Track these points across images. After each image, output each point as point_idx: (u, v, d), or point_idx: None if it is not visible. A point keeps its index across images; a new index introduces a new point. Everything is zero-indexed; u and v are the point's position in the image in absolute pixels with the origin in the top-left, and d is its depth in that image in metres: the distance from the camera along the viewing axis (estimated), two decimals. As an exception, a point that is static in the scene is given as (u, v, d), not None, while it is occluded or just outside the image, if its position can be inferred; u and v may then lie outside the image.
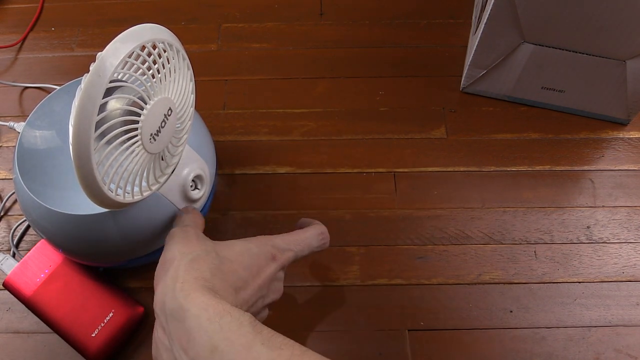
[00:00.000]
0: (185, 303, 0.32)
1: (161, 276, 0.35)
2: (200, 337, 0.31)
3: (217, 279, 0.35)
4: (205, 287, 0.33)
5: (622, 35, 0.47)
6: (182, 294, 0.33)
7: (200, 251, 0.36)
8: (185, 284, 0.33)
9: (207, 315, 0.31)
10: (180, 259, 0.35)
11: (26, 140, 0.44)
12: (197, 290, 0.33)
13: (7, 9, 0.65)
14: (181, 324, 0.32)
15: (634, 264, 0.48)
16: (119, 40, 0.31)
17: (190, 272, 0.34)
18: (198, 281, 0.34)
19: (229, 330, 0.31)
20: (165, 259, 0.36)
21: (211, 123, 0.51)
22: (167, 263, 0.36)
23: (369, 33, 0.62)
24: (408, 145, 0.55)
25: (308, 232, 0.41)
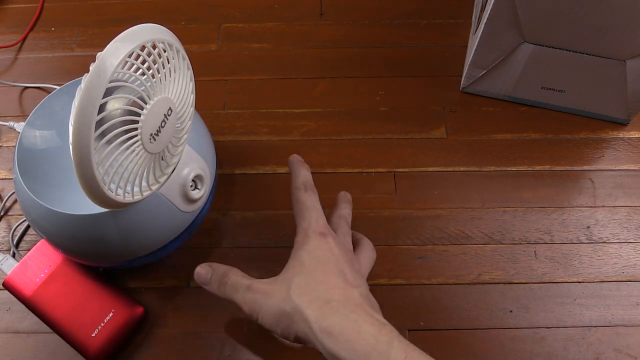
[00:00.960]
0: (332, 347, 0.33)
1: (286, 324, 0.36)
2: None
3: (328, 289, 0.35)
4: (335, 311, 0.34)
5: (622, 35, 0.47)
6: (323, 336, 0.33)
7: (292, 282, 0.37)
8: (319, 321, 0.34)
9: (357, 356, 0.32)
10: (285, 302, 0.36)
11: (26, 140, 0.44)
12: (333, 324, 0.33)
13: (7, 9, 0.65)
14: None
15: (634, 264, 0.48)
16: (119, 40, 0.31)
17: (310, 307, 0.35)
18: (323, 308, 0.34)
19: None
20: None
21: (211, 123, 0.51)
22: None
23: (369, 33, 0.62)
24: (408, 145, 0.55)
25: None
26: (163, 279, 0.48)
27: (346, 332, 0.33)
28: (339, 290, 0.35)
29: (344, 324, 0.33)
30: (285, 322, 0.36)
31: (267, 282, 0.38)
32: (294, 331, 0.35)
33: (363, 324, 0.33)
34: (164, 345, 0.45)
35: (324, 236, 0.39)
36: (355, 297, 0.35)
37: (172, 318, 0.46)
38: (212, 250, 0.49)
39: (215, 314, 0.46)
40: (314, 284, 0.36)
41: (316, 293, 0.35)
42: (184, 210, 0.42)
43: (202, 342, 0.45)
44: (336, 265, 0.37)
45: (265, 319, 0.37)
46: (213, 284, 0.40)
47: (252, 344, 0.45)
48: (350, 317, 0.34)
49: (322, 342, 0.33)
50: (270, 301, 0.36)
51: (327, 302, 0.35)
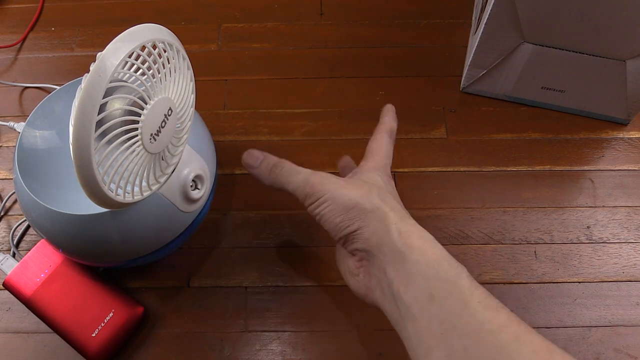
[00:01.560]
0: (404, 248, 0.33)
1: (353, 215, 0.35)
2: (419, 283, 0.32)
3: (405, 209, 0.36)
4: (414, 224, 0.34)
5: (622, 35, 0.47)
6: (398, 238, 0.33)
7: (373, 187, 0.36)
8: (399, 224, 0.34)
9: (427, 260, 0.32)
10: (364, 198, 0.35)
11: (26, 140, 0.44)
12: (412, 230, 0.34)
13: (7, 9, 0.65)
14: (401, 268, 0.33)
15: (634, 264, 0.48)
16: (119, 40, 0.31)
17: (393, 210, 0.35)
18: (404, 218, 0.35)
19: (445, 280, 0.31)
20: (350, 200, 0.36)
21: (211, 123, 0.51)
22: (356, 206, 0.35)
23: (369, 33, 0.62)
24: (408, 145, 0.55)
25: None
26: (163, 279, 0.48)
27: (424, 241, 0.33)
28: (410, 219, 0.36)
29: (422, 234, 0.34)
30: (354, 214, 0.35)
31: (338, 177, 0.38)
32: (358, 225, 0.35)
33: (439, 246, 0.34)
34: (164, 345, 0.45)
35: (390, 179, 0.40)
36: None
37: (172, 318, 0.46)
38: (212, 250, 0.49)
39: (215, 314, 0.46)
40: (395, 201, 0.36)
41: (397, 207, 0.36)
42: (184, 210, 0.42)
43: (202, 342, 0.45)
44: (401, 206, 0.38)
45: (331, 206, 0.36)
46: (263, 168, 0.40)
47: (252, 344, 0.45)
48: (429, 236, 0.34)
49: (394, 241, 0.33)
50: (344, 191, 0.36)
51: (408, 216, 0.35)
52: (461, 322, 0.30)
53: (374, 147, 0.41)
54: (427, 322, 0.31)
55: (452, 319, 0.30)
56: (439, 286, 0.31)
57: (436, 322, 0.30)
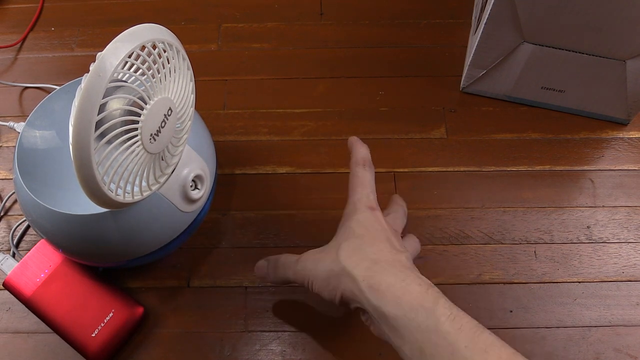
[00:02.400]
0: (379, 303, 0.33)
1: (333, 285, 0.36)
2: (407, 337, 0.32)
3: (376, 251, 0.36)
4: (383, 269, 0.34)
5: (622, 35, 0.47)
6: (370, 293, 0.34)
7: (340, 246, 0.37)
8: (367, 279, 0.34)
9: (403, 311, 0.32)
10: (334, 264, 0.36)
11: (26, 140, 0.44)
12: (380, 281, 0.34)
13: (7, 9, 0.65)
14: (387, 323, 0.33)
15: (634, 264, 0.48)
16: (119, 40, 0.31)
17: (358, 267, 0.35)
18: (372, 267, 0.35)
19: (427, 330, 0.31)
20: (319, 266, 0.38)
21: (211, 123, 0.51)
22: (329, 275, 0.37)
23: (369, 33, 0.62)
24: (408, 145, 0.55)
25: None
26: (163, 279, 0.48)
27: (393, 289, 0.33)
28: (388, 254, 0.36)
29: (391, 281, 0.34)
30: (333, 283, 0.36)
31: (316, 251, 0.39)
32: (341, 291, 0.36)
33: (411, 283, 0.34)
34: (164, 345, 0.45)
35: (373, 210, 0.40)
36: (403, 260, 0.36)
37: (172, 318, 0.46)
38: (212, 250, 0.49)
39: (215, 314, 0.46)
40: (362, 247, 0.36)
41: (364, 255, 0.36)
42: (184, 210, 0.42)
43: (202, 342, 0.45)
44: (384, 233, 0.38)
45: (316, 284, 0.37)
46: (270, 273, 0.42)
47: (252, 344, 0.45)
48: (399, 276, 0.34)
49: (368, 299, 0.34)
50: (320, 265, 0.37)
51: (375, 262, 0.35)
52: None
53: (350, 185, 0.41)
54: None
55: None
56: (425, 339, 0.31)
57: None
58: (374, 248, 0.36)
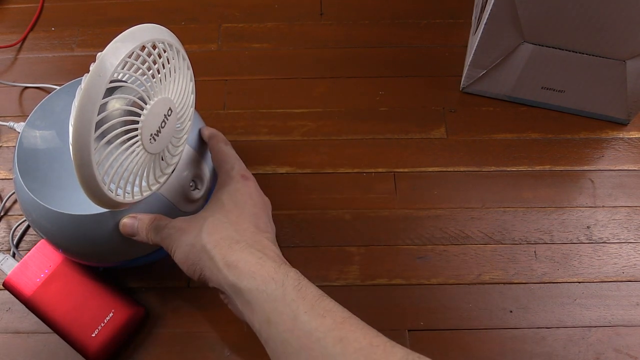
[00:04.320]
0: (235, 279, 0.34)
1: (192, 260, 0.36)
2: (257, 309, 0.33)
3: (239, 230, 0.36)
4: (242, 249, 0.35)
5: (622, 35, 0.47)
6: (227, 271, 0.34)
7: (206, 221, 0.37)
8: (225, 257, 0.34)
9: (256, 284, 0.33)
10: (196, 239, 0.36)
11: (26, 140, 0.44)
12: (238, 258, 0.34)
13: (7, 9, 0.65)
14: (242, 298, 0.34)
15: (634, 264, 0.48)
16: (119, 40, 0.31)
17: (218, 245, 0.35)
18: (232, 246, 0.35)
19: (275, 300, 0.32)
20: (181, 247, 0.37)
21: (211, 123, 0.51)
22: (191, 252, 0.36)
23: (369, 33, 0.62)
24: (408, 145, 0.55)
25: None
26: (163, 279, 0.48)
27: (250, 265, 0.34)
28: (250, 234, 0.37)
29: (248, 258, 0.34)
30: (193, 258, 0.36)
31: (184, 220, 0.39)
32: (200, 268, 0.36)
33: (267, 260, 0.34)
34: (164, 345, 0.45)
35: (246, 179, 0.40)
36: (264, 241, 0.36)
37: (172, 318, 0.46)
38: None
39: (215, 314, 0.46)
40: (226, 224, 0.37)
41: (227, 232, 0.36)
42: (184, 210, 0.42)
43: (202, 342, 0.45)
44: (252, 209, 0.38)
45: (177, 255, 0.37)
46: (141, 232, 0.40)
47: (252, 344, 0.45)
48: (256, 254, 0.35)
49: (225, 276, 0.34)
50: (183, 237, 0.37)
51: (237, 242, 0.36)
52: (294, 338, 0.31)
53: (217, 159, 0.42)
54: (273, 345, 0.32)
55: (287, 338, 0.31)
56: (272, 308, 0.32)
57: (279, 343, 0.32)
58: (237, 226, 0.37)
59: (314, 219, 0.51)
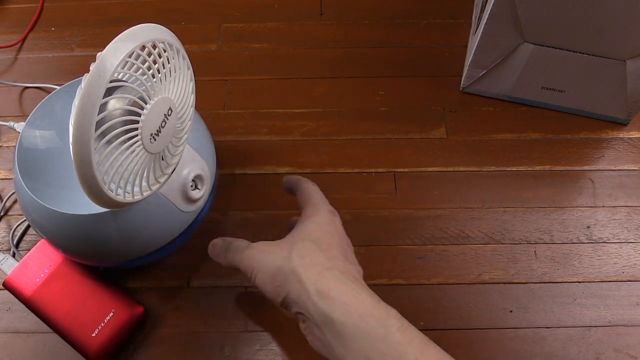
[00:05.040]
0: (326, 308, 0.32)
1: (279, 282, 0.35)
2: (352, 345, 0.31)
3: (330, 258, 0.35)
4: (335, 277, 0.33)
5: (622, 35, 0.47)
6: (318, 299, 0.33)
7: (295, 245, 0.36)
8: (317, 283, 0.33)
9: (352, 318, 0.31)
10: (284, 261, 0.35)
11: (26, 140, 0.44)
12: (331, 287, 0.33)
13: (7, 9, 0.65)
14: (333, 330, 0.32)
15: (634, 264, 0.48)
16: (119, 40, 0.31)
17: (309, 270, 0.34)
18: (323, 272, 0.34)
19: (376, 339, 0.31)
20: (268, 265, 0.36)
21: (211, 123, 0.51)
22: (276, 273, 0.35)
23: (369, 33, 0.62)
24: (408, 145, 0.55)
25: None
26: (163, 279, 0.48)
27: (344, 296, 0.33)
28: (340, 263, 0.35)
29: (342, 288, 0.33)
30: (280, 280, 0.35)
31: (268, 243, 0.38)
32: (286, 291, 0.35)
33: (362, 292, 0.33)
34: (164, 345, 0.45)
35: (334, 214, 0.39)
36: (354, 273, 0.35)
37: (172, 318, 0.46)
38: (212, 250, 0.49)
39: (215, 314, 0.46)
40: (317, 251, 0.35)
41: (318, 259, 0.35)
42: (184, 210, 0.42)
43: (202, 342, 0.45)
44: (340, 242, 0.37)
45: (260, 277, 0.36)
46: (220, 254, 0.40)
47: (252, 344, 0.45)
48: (349, 285, 0.33)
49: (315, 303, 0.33)
50: (268, 259, 0.36)
51: (328, 269, 0.34)
52: None
53: (305, 195, 0.41)
54: None
55: None
56: (372, 347, 0.31)
57: None
58: (328, 254, 0.35)
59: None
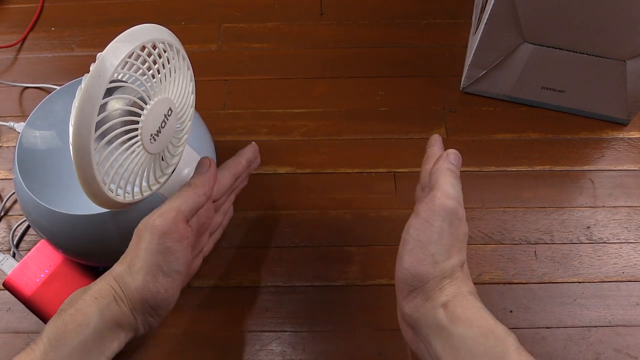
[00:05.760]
0: (449, 322, 0.32)
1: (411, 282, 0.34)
2: (466, 359, 0.31)
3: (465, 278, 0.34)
4: (463, 296, 0.33)
5: (622, 35, 0.47)
6: (444, 312, 0.32)
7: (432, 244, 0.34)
8: (447, 295, 0.33)
9: (472, 334, 0.31)
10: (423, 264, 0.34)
11: (26, 140, 0.44)
12: (458, 304, 0.32)
13: (7, 9, 0.65)
14: (447, 342, 0.32)
15: (634, 264, 0.48)
16: (119, 40, 0.31)
17: (443, 278, 0.33)
18: (452, 287, 0.33)
19: (493, 356, 0.31)
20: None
21: (211, 123, 0.51)
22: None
23: (369, 33, 0.62)
24: (408, 145, 0.55)
25: None
26: (163, 279, 0.48)
27: (469, 312, 0.32)
28: (468, 280, 0.35)
29: (467, 305, 0.33)
30: (410, 282, 0.34)
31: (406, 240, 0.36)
32: (410, 293, 0.34)
33: (485, 311, 0.33)
34: (164, 345, 0.45)
35: (459, 221, 0.36)
36: (474, 288, 0.35)
37: (172, 318, 0.46)
38: (212, 250, 0.49)
39: (215, 314, 0.46)
40: (448, 259, 0.34)
41: (448, 270, 0.34)
42: (184, 210, 0.42)
43: (202, 342, 0.45)
44: (458, 243, 0.35)
45: (397, 270, 0.35)
46: None
47: (252, 344, 0.45)
48: (475, 303, 0.33)
49: (436, 314, 0.32)
50: (405, 257, 0.34)
51: (455, 284, 0.34)
52: None
53: (439, 183, 0.37)
54: None
55: None
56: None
57: None
58: (453, 270, 0.34)
59: (314, 219, 0.51)
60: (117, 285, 0.33)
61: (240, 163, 0.42)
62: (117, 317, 0.32)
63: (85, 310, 0.32)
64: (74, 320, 0.31)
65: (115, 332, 0.33)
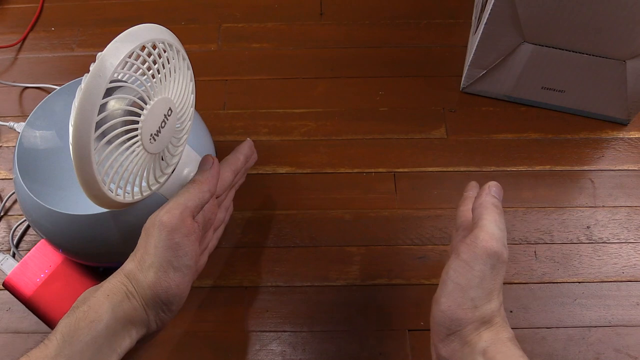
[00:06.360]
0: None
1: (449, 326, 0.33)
2: None
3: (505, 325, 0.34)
4: (503, 344, 0.32)
5: (622, 35, 0.47)
6: (483, 357, 0.32)
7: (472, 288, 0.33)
8: (487, 342, 0.32)
9: None
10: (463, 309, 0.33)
11: (26, 140, 0.44)
12: (497, 352, 0.32)
13: (7, 9, 0.65)
14: None
15: (634, 264, 0.48)
16: (119, 40, 0.31)
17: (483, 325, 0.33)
18: (492, 332, 0.32)
19: None
20: None
21: (211, 123, 0.51)
22: None
23: (369, 33, 0.62)
24: (408, 145, 0.55)
25: None
26: (163, 279, 0.48)
27: (502, 355, 0.32)
28: (507, 326, 0.34)
29: (506, 352, 0.32)
30: (448, 326, 0.33)
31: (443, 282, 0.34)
32: (447, 336, 0.33)
33: (518, 356, 0.32)
34: (164, 345, 0.45)
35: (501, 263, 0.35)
36: (512, 333, 0.34)
37: (172, 318, 0.46)
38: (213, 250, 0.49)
39: (215, 314, 0.46)
40: (488, 303, 0.34)
41: (487, 315, 0.33)
42: (184, 210, 0.42)
43: (202, 342, 0.45)
44: (497, 291, 0.35)
45: (434, 312, 0.34)
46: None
47: (252, 344, 0.45)
48: (516, 352, 0.32)
49: (474, 355, 0.32)
50: (442, 300, 0.34)
51: (495, 329, 0.33)
52: None
53: (482, 221, 0.35)
54: None
55: None
56: None
57: None
58: (492, 314, 0.34)
59: (314, 219, 0.51)
60: (128, 282, 0.34)
61: (238, 159, 0.42)
62: (129, 313, 0.33)
63: (98, 307, 0.32)
64: (87, 317, 0.31)
65: (127, 329, 0.33)
